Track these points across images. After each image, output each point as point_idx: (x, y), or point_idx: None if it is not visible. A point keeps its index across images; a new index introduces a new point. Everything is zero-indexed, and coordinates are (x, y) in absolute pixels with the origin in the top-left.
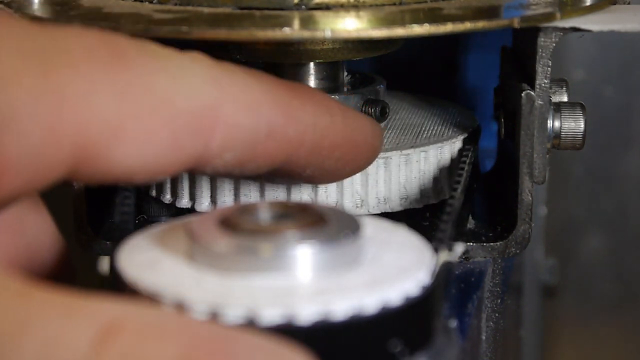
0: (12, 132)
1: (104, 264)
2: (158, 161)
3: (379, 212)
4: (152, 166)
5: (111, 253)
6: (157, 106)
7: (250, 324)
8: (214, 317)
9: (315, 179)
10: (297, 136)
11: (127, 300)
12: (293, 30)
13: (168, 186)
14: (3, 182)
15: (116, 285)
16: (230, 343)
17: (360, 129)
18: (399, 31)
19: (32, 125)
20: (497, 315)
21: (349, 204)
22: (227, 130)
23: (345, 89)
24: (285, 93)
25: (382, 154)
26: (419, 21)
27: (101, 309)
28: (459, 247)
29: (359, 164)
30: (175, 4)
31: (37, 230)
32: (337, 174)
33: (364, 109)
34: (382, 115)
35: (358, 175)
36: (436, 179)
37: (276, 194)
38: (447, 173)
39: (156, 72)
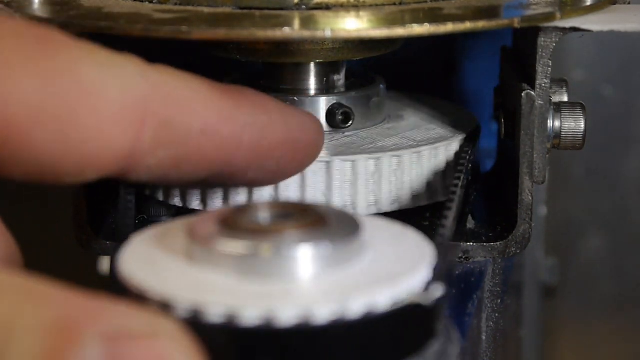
0: None
1: (104, 264)
2: (85, 152)
3: (371, 213)
4: (79, 158)
5: (111, 253)
6: (83, 93)
7: (230, 324)
8: (195, 314)
9: (257, 182)
10: (233, 136)
11: None
12: (293, 30)
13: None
14: None
15: (116, 285)
16: (109, 308)
17: (300, 127)
18: (399, 31)
19: None
20: (497, 315)
21: (362, 204)
22: (157, 124)
23: (344, 89)
24: (218, 93)
25: (375, 155)
26: (419, 21)
27: None
28: (437, 291)
29: (301, 163)
30: (175, 4)
31: None
32: (279, 175)
33: (328, 113)
34: (344, 122)
35: (349, 176)
36: (434, 180)
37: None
38: (447, 174)
39: (85, 62)
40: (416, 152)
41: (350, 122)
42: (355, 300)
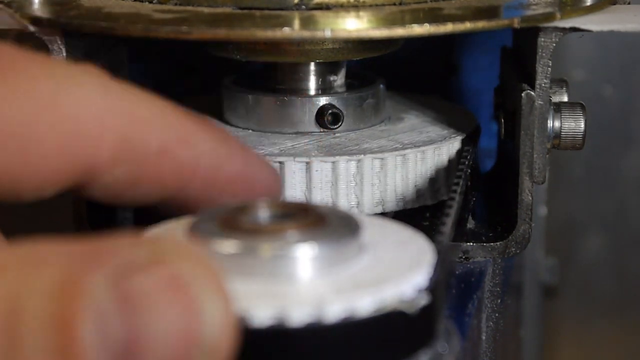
0: None
1: None
2: (45, 169)
3: (375, 213)
4: (39, 175)
5: None
6: (40, 110)
7: (242, 324)
8: None
9: None
10: (190, 161)
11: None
12: (293, 30)
13: None
14: None
15: None
16: (108, 250)
17: (259, 168)
18: (399, 31)
19: None
20: (497, 315)
21: (344, 205)
22: (116, 140)
23: (340, 90)
24: (181, 116)
25: (379, 155)
26: (419, 21)
27: None
28: (421, 300)
29: None
30: (175, 4)
31: None
32: None
33: (318, 113)
34: (333, 123)
35: (353, 176)
36: (435, 180)
37: None
38: (447, 173)
39: (42, 78)
40: (422, 152)
41: (340, 123)
42: (362, 298)
